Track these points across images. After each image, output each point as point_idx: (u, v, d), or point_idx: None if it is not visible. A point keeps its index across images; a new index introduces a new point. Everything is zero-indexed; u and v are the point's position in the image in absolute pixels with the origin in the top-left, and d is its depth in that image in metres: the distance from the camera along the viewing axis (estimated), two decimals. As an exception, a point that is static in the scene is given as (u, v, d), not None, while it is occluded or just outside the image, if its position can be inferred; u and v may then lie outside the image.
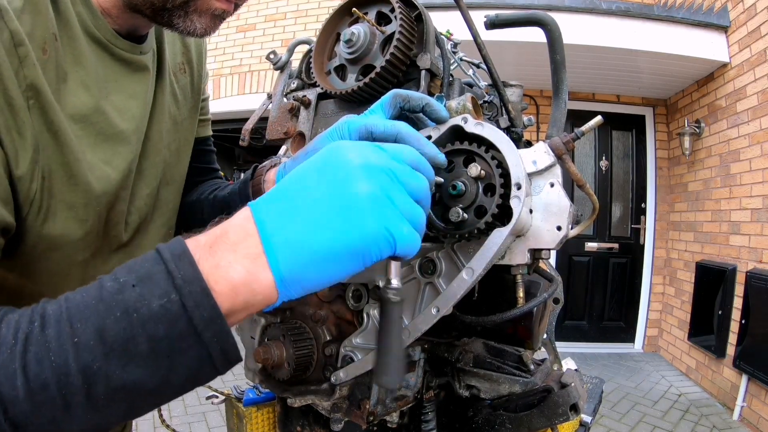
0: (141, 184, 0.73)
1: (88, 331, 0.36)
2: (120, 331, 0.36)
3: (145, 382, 0.37)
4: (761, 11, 3.41)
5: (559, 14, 3.69)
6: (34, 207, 0.56)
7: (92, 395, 0.36)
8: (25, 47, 0.51)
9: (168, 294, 0.37)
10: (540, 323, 0.69)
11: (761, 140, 3.43)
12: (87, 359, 0.35)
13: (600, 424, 3.26)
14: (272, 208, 0.41)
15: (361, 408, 0.64)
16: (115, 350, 0.36)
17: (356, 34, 0.69)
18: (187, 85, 0.84)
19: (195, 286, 0.37)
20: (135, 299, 0.37)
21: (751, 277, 3.36)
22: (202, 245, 0.40)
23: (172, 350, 0.37)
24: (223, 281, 0.38)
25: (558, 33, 0.65)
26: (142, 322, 0.36)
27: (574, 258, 5.03)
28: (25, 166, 0.53)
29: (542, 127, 4.52)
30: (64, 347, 0.36)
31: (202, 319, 0.37)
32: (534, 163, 0.55)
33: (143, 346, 0.36)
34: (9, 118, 0.50)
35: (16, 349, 0.36)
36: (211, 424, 3.28)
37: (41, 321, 0.37)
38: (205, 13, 0.62)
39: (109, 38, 0.64)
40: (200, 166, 0.94)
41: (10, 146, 0.51)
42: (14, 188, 0.53)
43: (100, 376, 0.36)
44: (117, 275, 0.39)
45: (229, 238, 0.40)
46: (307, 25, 4.99)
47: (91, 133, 0.62)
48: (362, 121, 0.53)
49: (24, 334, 0.36)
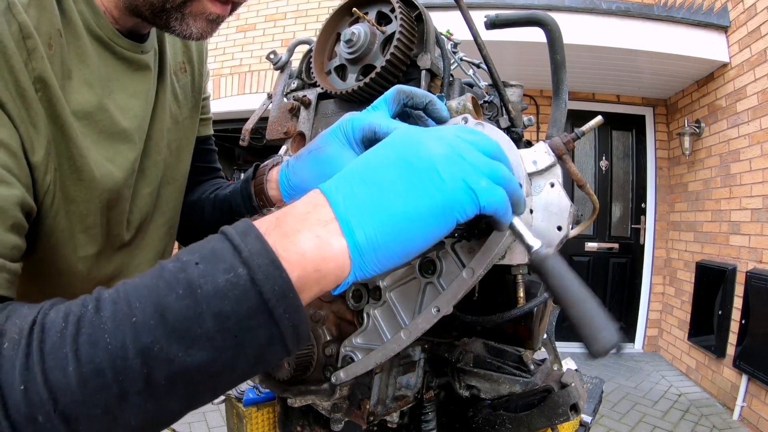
0: (142, 183, 0.74)
1: (148, 310, 0.33)
2: (183, 309, 0.33)
3: (209, 366, 0.33)
4: (761, 11, 3.41)
5: (559, 14, 3.69)
6: (47, 198, 0.56)
7: (152, 381, 0.32)
8: (33, 40, 0.51)
9: (235, 268, 0.34)
10: (540, 323, 0.69)
11: (761, 140, 3.43)
12: (146, 340, 0.32)
13: (600, 424, 3.26)
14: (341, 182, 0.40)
15: (361, 408, 0.64)
16: (177, 330, 0.33)
17: (356, 34, 0.69)
18: (188, 84, 0.85)
19: (263, 258, 0.35)
20: (199, 275, 0.34)
21: (751, 277, 3.36)
22: (267, 221, 0.38)
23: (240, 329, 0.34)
24: (292, 248, 0.36)
25: (558, 33, 0.65)
26: (207, 299, 0.33)
27: (574, 258, 5.03)
28: (40, 156, 0.53)
29: (542, 127, 4.51)
30: (121, 328, 0.32)
31: (273, 293, 0.34)
32: (534, 163, 0.55)
33: (209, 325, 0.33)
34: (22, 109, 0.50)
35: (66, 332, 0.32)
36: (211, 424, 3.28)
37: (95, 304, 0.34)
38: (200, 16, 0.62)
39: (111, 37, 0.64)
40: (201, 165, 0.95)
41: (26, 136, 0.51)
42: (33, 178, 0.53)
43: (161, 359, 0.32)
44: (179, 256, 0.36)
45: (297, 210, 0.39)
46: (307, 25, 4.99)
47: (94, 131, 0.62)
48: (366, 119, 0.53)
49: (76, 317, 0.33)
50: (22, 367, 0.31)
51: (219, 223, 0.41)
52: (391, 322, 0.59)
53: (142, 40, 0.70)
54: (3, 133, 0.48)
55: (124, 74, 0.68)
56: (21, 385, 0.31)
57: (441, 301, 0.53)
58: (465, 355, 0.70)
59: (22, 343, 0.32)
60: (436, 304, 0.53)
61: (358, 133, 0.54)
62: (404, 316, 0.57)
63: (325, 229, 0.37)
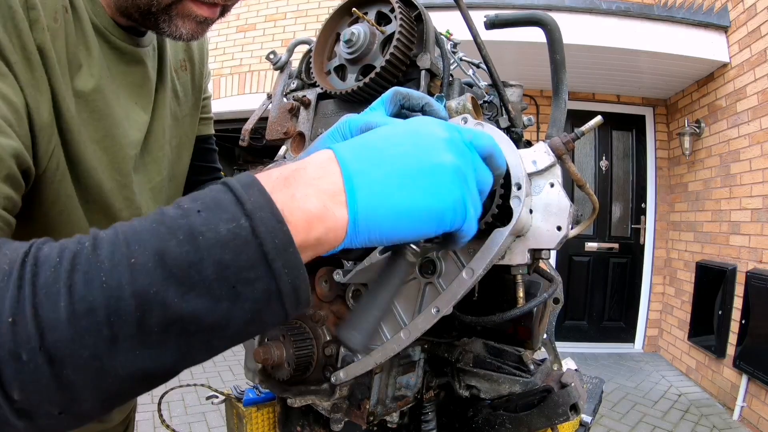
0: (144, 176, 0.74)
1: (147, 253, 0.32)
2: (183, 254, 0.32)
3: (204, 315, 0.33)
4: (761, 11, 3.41)
5: (559, 14, 3.69)
6: (52, 162, 0.56)
7: (144, 326, 0.31)
8: (36, 11, 0.52)
9: (237, 219, 0.34)
10: (540, 323, 0.69)
11: (761, 140, 3.43)
12: (143, 283, 0.31)
13: (600, 424, 3.26)
14: (358, 153, 0.40)
15: (361, 408, 0.64)
16: (175, 275, 0.32)
17: (356, 34, 0.69)
18: (188, 82, 0.85)
19: (266, 212, 0.34)
20: (200, 223, 0.33)
21: (751, 277, 3.36)
22: (274, 178, 0.38)
23: (239, 280, 0.33)
24: (298, 212, 0.36)
25: (558, 33, 0.65)
26: (207, 247, 0.32)
27: (574, 258, 5.03)
28: (45, 117, 0.54)
29: (542, 127, 4.52)
30: (119, 268, 0.31)
31: (273, 246, 0.34)
32: (534, 163, 0.55)
33: (208, 272, 0.32)
34: (28, 73, 0.52)
35: (61, 268, 0.31)
36: (211, 424, 3.28)
37: (93, 242, 0.33)
38: (188, 18, 0.63)
39: (106, 26, 0.65)
40: (202, 164, 0.95)
41: (32, 98, 0.52)
42: (35, 140, 0.54)
43: (156, 303, 0.31)
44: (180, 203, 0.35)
45: (308, 173, 0.38)
46: (307, 25, 4.99)
47: (86, 110, 0.63)
48: (363, 120, 0.53)
49: (72, 254, 0.32)
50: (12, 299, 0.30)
51: None
52: (391, 322, 0.58)
53: (140, 35, 0.71)
54: (7, 90, 0.49)
55: (118, 65, 0.68)
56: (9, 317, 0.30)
57: (441, 301, 0.53)
58: (465, 355, 0.70)
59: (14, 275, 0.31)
60: (436, 304, 0.53)
61: (356, 134, 0.54)
62: (404, 316, 0.57)
63: (333, 199, 0.37)
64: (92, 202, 0.66)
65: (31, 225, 0.60)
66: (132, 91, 0.71)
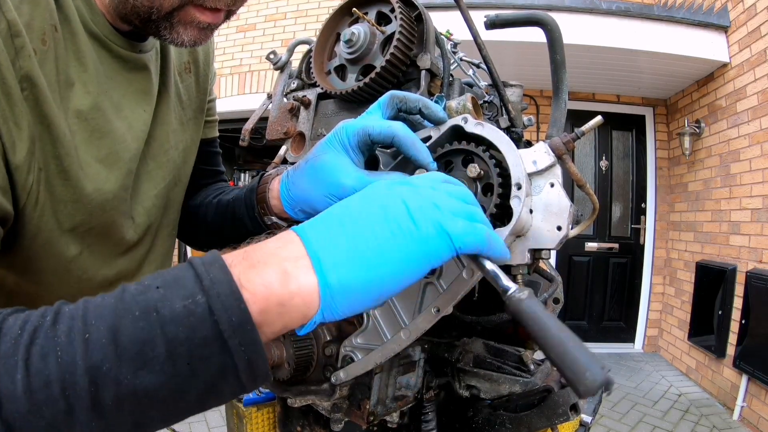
0: (148, 184, 0.73)
1: (102, 328, 0.33)
2: (136, 332, 0.33)
3: (157, 391, 0.33)
4: (761, 11, 3.41)
5: (559, 14, 3.68)
6: (31, 198, 0.56)
7: (98, 400, 0.32)
8: (21, 38, 0.50)
9: (194, 295, 0.34)
10: (540, 323, 0.69)
11: (761, 140, 3.43)
12: (96, 359, 0.32)
13: (600, 424, 3.26)
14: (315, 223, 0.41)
15: (361, 408, 0.64)
16: (128, 351, 0.33)
17: (356, 34, 0.69)
18: (192, 85, 0.83)
19: (224, 287, 0.35)
20: (157, 299, 0.34)
21: (751, 277, 3.36)
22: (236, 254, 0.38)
23: (192, 356, 0.33)
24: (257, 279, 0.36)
25: (558, 33, 0.65)
26: (161, 324, 0.33)
27: (574, 258, 5.03)
28: (22, 156, 0.52)
29: (542, 127, 4.51)
30: (74, 344, 0.32)
31: (229, 324, 0.34)
32: (534, 163, 0.55)
33: (160, 350, 0.33)
34: (6, 108, 0.50)
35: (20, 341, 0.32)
36: (211, 424, 3.28)
37: (54, 316, 0.34)
38: (190, 24, 0.61)
39: (107, 35, 0.63)
40: (206, 168, 0.93)
41: (7, 136, 0.51)
42: (12, 178, 0.53)
43: (109, 379, 0.32)
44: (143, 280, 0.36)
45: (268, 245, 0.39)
46: (307, 25, 4.99)
47: (86, 130, 0.61)
48: (359, 124, 0.53)
49: (32, 327, 0.33)
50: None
51: (222, 228, 0.41)
52: (391, 322, 0.58)
53: (141, 40, 0.69)
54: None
55: (120, 73, 0.67)
56: None
57: (441, 301, 0.53)
58: (465, 355, 0.70)
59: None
60: (436, 304, 0.53)
61: (353, 139, 0.54)
62: (404, 316, 0.57)
63: (295, 264, 0.37)
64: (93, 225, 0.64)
65: (11, 257, 0.59)
66: (138, 98, 0.69)
